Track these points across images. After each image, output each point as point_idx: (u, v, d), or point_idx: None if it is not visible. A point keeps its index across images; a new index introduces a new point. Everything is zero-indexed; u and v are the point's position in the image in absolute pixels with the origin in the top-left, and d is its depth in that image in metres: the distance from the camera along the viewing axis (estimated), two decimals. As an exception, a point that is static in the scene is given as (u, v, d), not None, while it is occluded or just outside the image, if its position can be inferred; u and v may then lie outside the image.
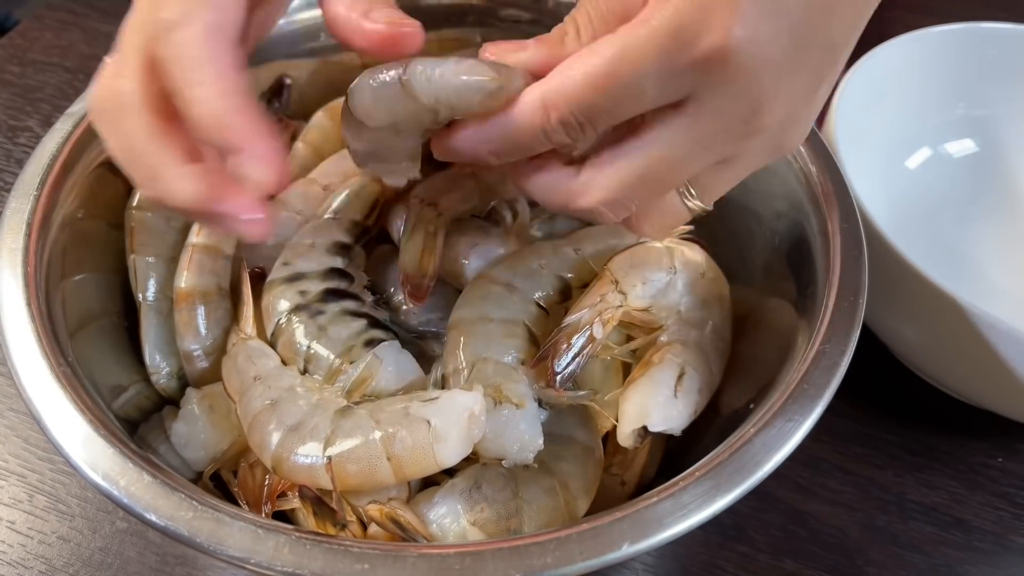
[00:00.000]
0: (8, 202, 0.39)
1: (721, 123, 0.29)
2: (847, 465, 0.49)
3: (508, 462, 0.36)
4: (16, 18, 1.08)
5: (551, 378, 0.37)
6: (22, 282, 0.36)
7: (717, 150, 0.30)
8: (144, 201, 0.44)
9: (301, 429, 0.35)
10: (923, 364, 0.51)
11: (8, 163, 0.64)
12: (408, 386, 0.38)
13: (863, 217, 0.41)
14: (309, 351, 0.39)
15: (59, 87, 0.69)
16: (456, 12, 0.51)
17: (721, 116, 0.29)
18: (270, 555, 0.29)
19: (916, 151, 0.62)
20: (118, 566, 0.44)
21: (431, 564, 0.29)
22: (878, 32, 0.62)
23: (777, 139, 0.31)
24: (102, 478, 0.31)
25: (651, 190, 0.32)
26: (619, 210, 0.32)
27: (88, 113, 0.29)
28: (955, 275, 0.55)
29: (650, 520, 0.30)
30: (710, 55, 0.27)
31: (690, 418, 0.38)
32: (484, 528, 0.35)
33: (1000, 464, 0.50)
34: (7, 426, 0.49)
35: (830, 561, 0.45)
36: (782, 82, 0.28)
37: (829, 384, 0.34)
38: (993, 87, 0.62)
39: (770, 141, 0.30)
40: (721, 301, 0.43)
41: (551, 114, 0.30)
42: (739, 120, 0.29)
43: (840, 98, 0.53)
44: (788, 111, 0.30)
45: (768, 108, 0.29)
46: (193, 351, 0.42)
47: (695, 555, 0.45)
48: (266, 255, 0.45)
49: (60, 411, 0.32)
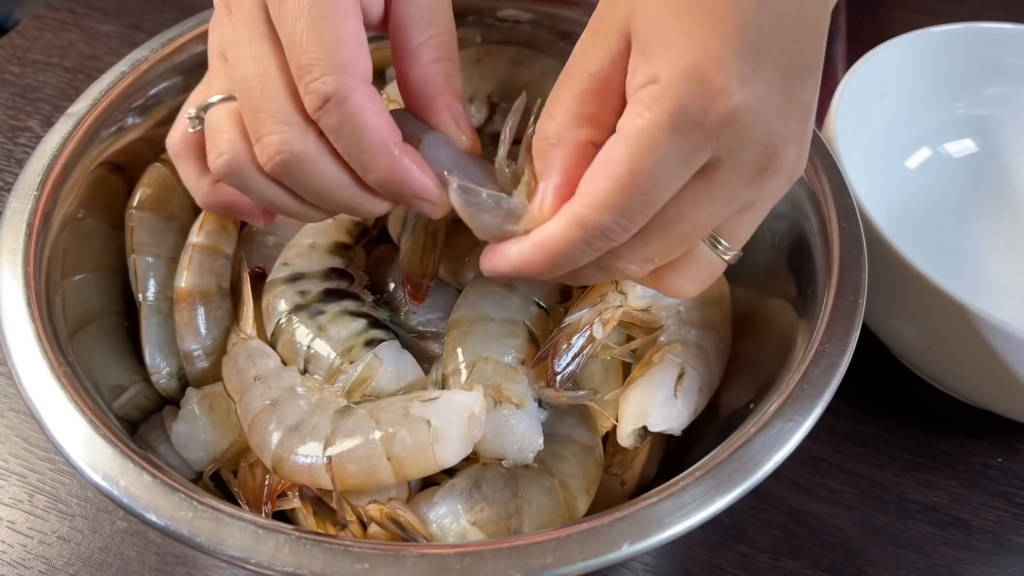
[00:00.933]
0: (8, 202, 0.39)
1: (742, 176, 0.30)
2: (847, 465, 0.49)
3: (508, 462, 0.36)
4: (16, 18, 1.08)
5: (551, 378, 0.37)
6: (22, 282, 0.36)
7: (740, 201, 0.31)
8: (144, 201, 0.44)
9: (301, 429, 0.35)
10: (923, 364, 0.51)
11: (8, 163, 0.64)
12: (408, 386, 0.38)
13: (863, 217, 0.41)
14: (309, 351, 0.39)
15: (59, 87, 0.69)
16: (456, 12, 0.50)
17: (741, 170, 0.29)
18: (270, 555, 0.29)
19: (916, 151, 0.62)
20: (118, 566, 0.44)
21: (431, 564, 0.29)
22: (878, 32, 0.62)
23: (792, 171, 0.31)
24: (102, 478, 0.31)
25: (682, 248, 0.32)
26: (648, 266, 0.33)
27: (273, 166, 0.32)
28: (955, 275, 0.55)
29: (650, 520, 0.30)
30: (721, 121, 0.28)
31: (690, 418, 0.38)
32: (484, 528, 0.35)
33: (1000, 464, 0.50)
34: (7, 426, 0.49)
35: (830, 561, 0.45)
36: (789, 120, 0.29)
37: (829, 384, 0.34)
38: (993, 87, 0.61)
39: (786, 175, 0.31)
40: (721, 301, 0.43)
41: (588, 229, 0.30)
42: (757, 168, 0.29)
43: (840, 98, 0.53)
44: (797, 143, 0.30)
45: (782, 148, 0.29)
46: (193, 351, 0.42)
47: (695, 555, 0.45)
48: (266, 255, 0.45)
49: (60, 411, 0.32)
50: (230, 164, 0.33)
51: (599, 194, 0.29)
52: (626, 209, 0.29)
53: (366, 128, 0.31)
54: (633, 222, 0.30)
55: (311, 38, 0.31)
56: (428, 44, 0.35)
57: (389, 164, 0.32)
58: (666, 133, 0.28)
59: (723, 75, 0.27)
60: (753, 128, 0.28)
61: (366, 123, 0.31)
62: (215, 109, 0.34)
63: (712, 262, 0.33)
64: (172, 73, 0.46)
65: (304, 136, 0.32)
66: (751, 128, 0.28)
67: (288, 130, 0.32)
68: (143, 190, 0.44)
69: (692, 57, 0.28)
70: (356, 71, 0.31)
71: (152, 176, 0.45)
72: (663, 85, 0.28)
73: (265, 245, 0.45)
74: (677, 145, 0.28)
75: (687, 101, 0.28)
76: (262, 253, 0.45)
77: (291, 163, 0.32)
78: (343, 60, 0.31)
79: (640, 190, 0.29)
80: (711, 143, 0.28)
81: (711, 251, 0.33)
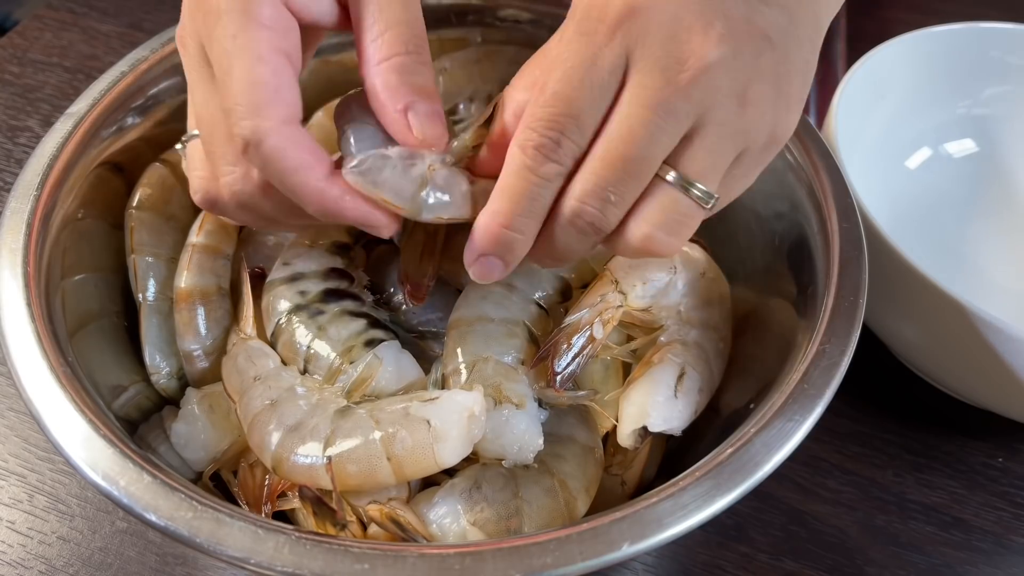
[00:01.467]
0: (8, 202, 0.39)
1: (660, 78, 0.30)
2: (847, 465, 0.49)
3: (508, 462, 0.36)
4: (16, 18, 1.08)
5: (551, 378, 0.37)
6: (22, 282, 0.36)
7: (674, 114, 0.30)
8: (144, 201, 0.44)
9: (301, 429, 0.35)
10: (923, 364, 0.51)
11: (8, 163, 0.64)
12: (408, 386, 0.38)
13: (863, 217, 0.41)
14: (309, 351, 0.39)
15: (59, 87, 0.69)
16: (456, 12, 0.50)
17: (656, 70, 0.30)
18: (270, 555, 0.29)
19: (916, 151, 0.62)
20: (118, 566, 0.44)
21: (431, 564, 0.29)
22: (878, 32, 0.62)
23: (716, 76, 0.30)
24: (102, 478, 0.31)
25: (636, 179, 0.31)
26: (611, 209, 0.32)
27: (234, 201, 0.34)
28: (955, 275, 0.55)
29: (650, 520, 0.30)
30: (621, 16, 0.29)
31: (690, 418, 0.38)
32: (484, 528, 0.35)
33: (1000, 464, 0.50)
34: (7, 426, 0.49)
35: (830, 561, 0.45)
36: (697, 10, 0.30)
37: (829, 384, 0.34)
38: (993, 87, 0.61)
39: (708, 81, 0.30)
40: (721, 301, 0.43)
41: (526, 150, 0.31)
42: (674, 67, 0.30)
43: (840, 98, 0.53)
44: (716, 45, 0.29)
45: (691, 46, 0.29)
46: (193, 351, 0.42)
47: (695, 555, 0.45)
48: (266, 255, 0.45)
49: (60, 411, 0.32)
50: (204, 200, 0.37)
51: (530, 116, 0.31)
52: (555, 120, 0.30)
53: (285, 170, 0.32)
54: (565, 134, 0.30)
55: (229, 81, 0.31)
56: (378, 43, 0.34)
57: (318, 199, 0.32)
58: (574, 37, 0.30)
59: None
60: (656, 20, 0.29)
61: (285, 165, 0.32)
62: (193, 143, 0.37)
63: (686, 209, 0.32)
64: (172, 73, 0.46)
65: (247, 178, 0.33)
66: (651, 21, 0.29)
67: (234, 171, 0.34)
68: (143, 190, 0.44)
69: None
70: (272, 113, 0.31)
71: (152, 176, 0.45)
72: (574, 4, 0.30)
73: (265, 245, 0.45)
74: (585, 46, 0.30)
75: (589, 7, 0.30)
76: (262, 253, 0.45)
77: (244, 199, 0.34)
78: (258, 102, 0.31)
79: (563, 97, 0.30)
80: (617, 39, 0.30)
81: (683, 195, 0.32)
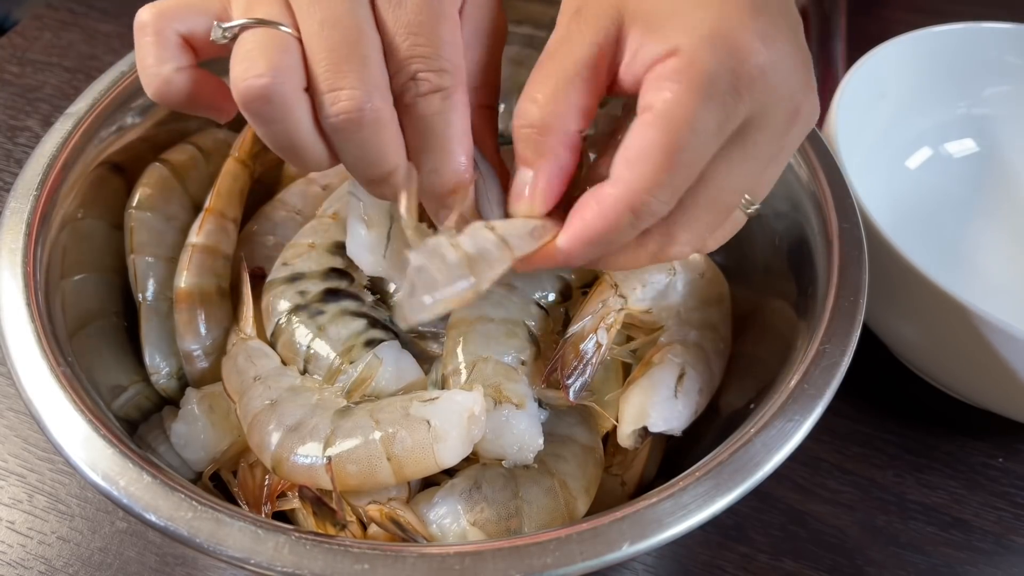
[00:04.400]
0: (8, 202, 0.39)
1: (775, 132, 0.30)
2: (847, 465, 0.49)
3: (508, 462, 0.36)
4: (16, 18, 1.07)
5: (564, 392, 0.37)
6: (22, 282, 0.36)
7: (771, 157, 0.31)
8: (144, 201, 0.44)
9: (301, 429, 0.35)
10: (923, 364, 0.51)
11: (8, 163, 0.64)
12: (408, 386, 0.38)
13: (863, 217, 0.41)
14: (309, 351, 0.39)
15: (59, 87, 0.69)
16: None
17: (773, 127, 0.30)
18: (270, 555, 0.29)
19: (916, 151, 0.62)
20: (118, 566, 0.44)
21: (431, 564, 0.29)
22: (878, 32, 0.62)
23: (811, 119, 0.31)
24: (102, 478, 0.31)
25: (728, 214, 0.32)
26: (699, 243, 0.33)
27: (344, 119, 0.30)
28: (955, 275, 0.55)
29: (650, 520, 0.30)
30: (752, 81, 0.28)
31: (690, 418, 0.38)
32: (484, 528, 0.35)
33: (1000, 464, 0.49)
34: (7, 426, 0.49)
35: (830, 561, 0.45)
36: (805, 71, 0.30)
37: (829, 384, 0.34)
38: (993, 87, 0.62)
39: (805, 124, 0.31)
40: (721, 301, 0.43)
41: (637, 208, 0.30)
42: (787, 122, 0.30)
43: (840, 98, 0.53)
44: (814, 91, 0.31)
45: (805, 99, 0.30)
46: (193, 351, 0.42)
47: (695, 555, 0.45)
48: (266, 255, 0.45)
49: (60, 411, 0.32)
50: (269, 88, 0.29)
51: (642, 177, 0.29)
52: (669, 186, 0.29)
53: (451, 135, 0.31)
54: (675, 196, 0.30)
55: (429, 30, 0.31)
56: None
57: (453, 176, 0.32)
58: (699, 101, 0.28)
59: (747, 36, 0.28)
60: (782, 84, 0.29)
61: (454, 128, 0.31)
62: (259, 30, 0.30)
63: (737, 218, 0.34)
64: (172, 73, 0.46)
65: (386, 102, 0.30)
66: (780, 84, 0.29)
67: (375, 93, 0.30)
68: (143, 190, 0.44)
69: (711, 23, 0.28)
70: (463, 76, 0.32)
71: (152, 176, 0.45)
72: (686, 55, 0.28)
73: (265, 245, 0.45)
74: (712, 112, 0.28)
75: (715, 67, 0.27)
76: (262, 253, 0.45)
77: (363, 122, 0.30)
78: (457, 61, 0.31)
79: (681, 164, 0.29)
80: (744, 104, 0.28)
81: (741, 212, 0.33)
